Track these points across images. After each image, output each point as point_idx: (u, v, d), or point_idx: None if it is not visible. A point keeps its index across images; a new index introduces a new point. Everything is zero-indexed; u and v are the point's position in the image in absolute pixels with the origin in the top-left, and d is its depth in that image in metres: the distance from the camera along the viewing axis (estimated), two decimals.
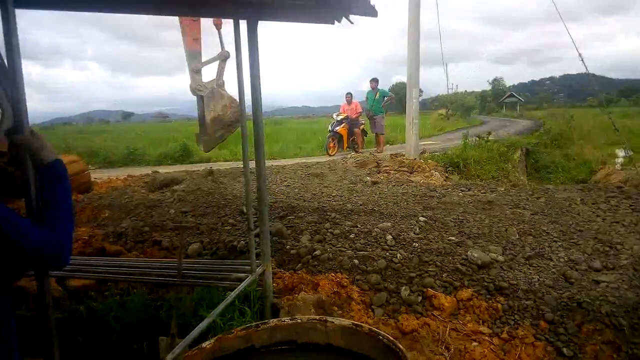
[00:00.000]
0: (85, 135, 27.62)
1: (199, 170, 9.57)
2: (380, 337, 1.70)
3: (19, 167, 1.45)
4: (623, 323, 3.25)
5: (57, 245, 1.30)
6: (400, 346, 1.57)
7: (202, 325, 2.71)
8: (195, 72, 5.84)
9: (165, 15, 4.96)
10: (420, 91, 12.76)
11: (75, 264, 3.98)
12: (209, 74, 5.64)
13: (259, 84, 3.59)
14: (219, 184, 8.22)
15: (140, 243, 5.20)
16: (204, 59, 5.75)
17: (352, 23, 3.40)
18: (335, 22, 3.30)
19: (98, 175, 11.36)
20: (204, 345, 1.74)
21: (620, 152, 19.56)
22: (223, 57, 5.68)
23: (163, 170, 11.21)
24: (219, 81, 5.72)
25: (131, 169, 13.07)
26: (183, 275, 3.46)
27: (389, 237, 4.68)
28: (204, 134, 5.57)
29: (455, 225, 5.16)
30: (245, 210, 5.73)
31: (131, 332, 3.62)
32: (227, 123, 5.75)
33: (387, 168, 10.02)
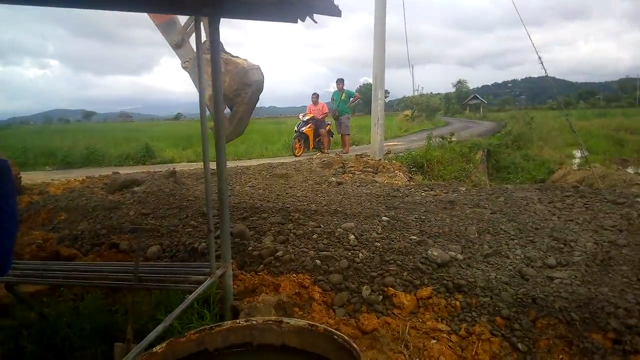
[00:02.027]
0: (43, 135, 26.73)
1: (161, 171, 9.39)
2: (335, 337, 1.70)
3: None
4: (575, 318, 3.35)
5: None
6: (354, 345, 1.57)
7: (158, 329, 2.64)
8: (177, 46, 5.34)
9: (126, 10, 4.85)
10: (387, 92, 12.94)
11: (27, 269, 3.83)
12: None
13: (221, 83, 3.54)
14: (181, 185, 8.08)
15: (97, 246, 5.05)
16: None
17: (315, 22, 3.40)
18: (299, 20, 3.28)
19: (55, 176, 11.03)
20: (154, 349, 1.69)
21: (577, 153, 20.34)
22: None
23: (124, 171, 10.94)
24: (205, 46, 5.18)
25: (91, 170, 12.73)
26: (140, 279, 3.37)
27: (352, 237, 4.69)
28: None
29: (416, 225, 5.22)
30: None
31: (85, 339, 3.51)
32: (229, 95, 5.13)
33: (352, 169, 10.08)
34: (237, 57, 5.38)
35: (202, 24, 3.63)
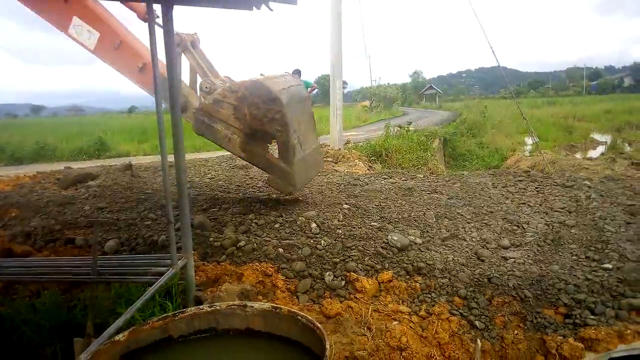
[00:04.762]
0: None
1: (116, 165, 9.15)
2: (299, 318, 1.72)
3: None
4: (528, 295, 3.51)
5: None
6: (318, 324, 1.60)
7: (119, 321, 2.59)
8: (182, 110, 4.59)
9: None
10: (345, 83, 12.98)
11: None
12: None
13: (176, 72, 3.48)
14: (138, 178, 7.90)
15: (52, 242, 4.89)
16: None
17: (271, 10, 3.38)
18: (254, 8, 3.26)
19: (3, 172, 10.58)
20: (116, 338, 1.67)
21: (529, 140, 21.07)
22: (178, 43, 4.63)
23: (77, 165, 10.61)
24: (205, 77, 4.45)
25: (41, 166, 12.28)
26: (98, 272, 3.30)
27: (314, 225, 4.72)
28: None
29: (377, 212, 5.30)
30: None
31: (43, 336, 3.42)
32: (260, 127, 4.27)
33: None
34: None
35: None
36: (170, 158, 3.53)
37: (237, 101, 4.38)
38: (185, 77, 4.97)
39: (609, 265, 3.85)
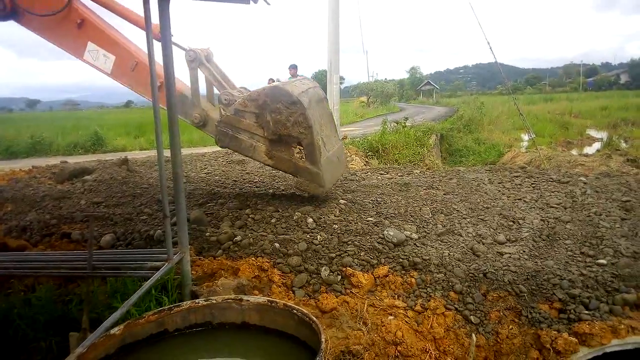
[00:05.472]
0: None
1: (112, 160, 9.12)
2: (295, 312, 1.73)
3: None
4: (523, 290, 3.53)
5: None
6: (313, 318, 1.61)
7: (115, 315, 2.59)
8: (202, 125, 4.83)
9: None
10: (342, 78, 12.93)
11: None
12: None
13: (172, 66, 3.46)
14: (134, 173, 7.88)
15: (48, 236, 4.88)
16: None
17: (269, 4, 3.38)
18: (252, 2, 3.25)
19: None
20: (112, 331, 1.67)
21: (525, 136, 21.07)
22: (190, 61, 4.75)
23: (73, 160, 10.59)
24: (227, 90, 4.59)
25: (37, 160, 12.25)
26: (94, 267, 3.29)
27: (310, 220, 4.72)
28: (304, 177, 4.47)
29: (373, 207, 5.31)
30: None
31: (39, 330, 3.41)
32: (286, 132, 4.38)
33: None
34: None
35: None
36: (167, 153, 3.52)
37: (259, 109, 4.44)
38: (199, 91, 5.05)
39: (604, 261, 3.87)
